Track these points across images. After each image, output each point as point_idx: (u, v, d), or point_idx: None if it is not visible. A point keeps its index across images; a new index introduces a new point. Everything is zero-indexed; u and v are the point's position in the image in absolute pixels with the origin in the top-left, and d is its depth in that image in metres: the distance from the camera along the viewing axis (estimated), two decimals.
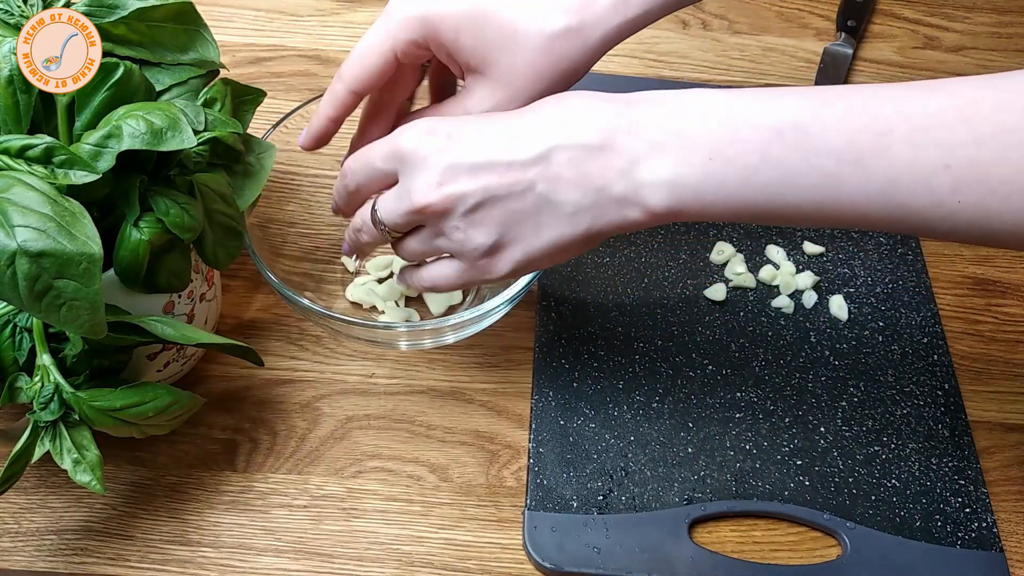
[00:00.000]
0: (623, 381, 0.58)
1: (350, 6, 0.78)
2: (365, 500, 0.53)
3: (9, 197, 0.39)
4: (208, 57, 0.51)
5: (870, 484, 0.54)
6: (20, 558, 0.50)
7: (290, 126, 0.58)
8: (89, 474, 0.45)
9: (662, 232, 0.65)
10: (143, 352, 0.50)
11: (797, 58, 0.78)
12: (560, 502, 0.52)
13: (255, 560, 0.50)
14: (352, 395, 0.57)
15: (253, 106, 0.54)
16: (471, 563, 0.51)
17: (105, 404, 0.45)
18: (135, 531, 0.51)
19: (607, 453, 0.54)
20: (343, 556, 0.51)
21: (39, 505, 0.51)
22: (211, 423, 0.55)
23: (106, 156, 0.42)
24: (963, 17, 0.82)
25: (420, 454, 0.55)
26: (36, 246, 0.38)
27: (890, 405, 0.58)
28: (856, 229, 0.62)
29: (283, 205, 0.61)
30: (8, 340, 0.47)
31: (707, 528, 0.53)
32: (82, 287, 0.40)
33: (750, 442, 0.55)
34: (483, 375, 0.58)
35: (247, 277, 0.61)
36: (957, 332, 0.62)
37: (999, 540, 0.53)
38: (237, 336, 0.57)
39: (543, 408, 0.56)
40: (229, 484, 0.53)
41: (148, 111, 0.43)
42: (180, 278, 0.48)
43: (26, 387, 0.46)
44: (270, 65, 0.73)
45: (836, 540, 0.53)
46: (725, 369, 0.58)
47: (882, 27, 0.81)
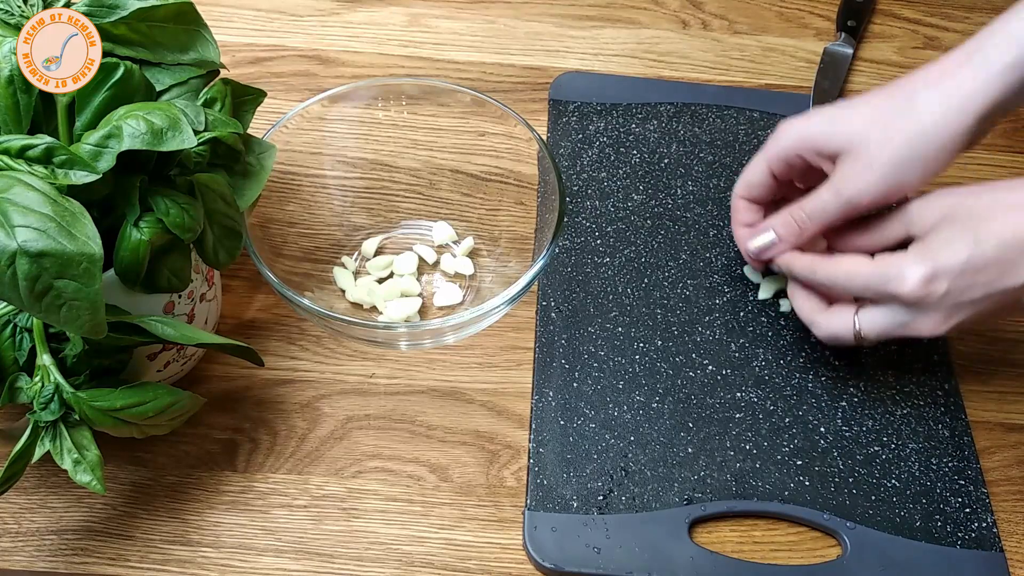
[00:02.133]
0: (623, 381, 0.58)
1: (350, 6, 0.78)
2: (365, 500, 0.53)
3: (9, 197, 0.39)
4: (208, 57, 0.51)
5: (870, 484, 0.54)
6: (20, 558, 0.50)
7: (290, 126, 0.58)
8: (89, 474, 0.45)
9: (662, 232, 0.65)
10: (143, 352, 0.50)
11: (797, 58, 0.78)
12: (560, 502, 0.52)
13: (255, 560, 0.50)
14: (352, 395, 0.57)
15: (253, 106, 0.54)
16: (471, 563, 0.51)
17: (105, 404, 0.45)
18: (135, 531, 0.51)
19: (607, 453, 0.54)
20: (343, 556, 0.51)
21: (39, 505, 0.51)
22: (211, 423, 0.55)
23: (106, 156, 0.42)
24: (963, 17, 0.82)
25: (420, 454, 0.55)
26: (36, 246, 0.38)
27: (890, 405, 0.58)
28: None
29: (283, 205, 0.61)
30: (8, 340, 0.47)
31: (707, 528, 0.53)
32: (82, 287, 0.40)
33: (750, 442, 0.55)
34: (483, 375, 0.58)
35: (247, 277, 0.61)
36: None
37: (999, 540, 0.53)
38: (237, 336, 0.57)
39: (543, 408, 0.56)
40: (229, 484, 0.53)
41: (148, 111, 0.43)
42: (180, 278, 0.48)
43: (26, 387, 0.46)
44: (270, 65, 0.73)
45: (836, 540, 0.53)
46: (725, 369, 0.58)
47: (882, 27, 0.81)
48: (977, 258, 0.49)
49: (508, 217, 0.62)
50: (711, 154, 0.69)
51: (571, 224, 0.65)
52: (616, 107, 0.71)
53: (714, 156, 0.69)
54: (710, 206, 0.66)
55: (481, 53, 0.76)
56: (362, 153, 0.63)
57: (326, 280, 0.60)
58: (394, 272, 0.61)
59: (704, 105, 0.72)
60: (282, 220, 0.60)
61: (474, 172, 0.63)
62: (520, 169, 0.61)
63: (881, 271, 0.51)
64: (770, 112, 0.72)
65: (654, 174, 0.68)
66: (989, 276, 0.49)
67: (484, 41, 0.77)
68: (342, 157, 0.62)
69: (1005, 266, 0.49)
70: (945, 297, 0.50)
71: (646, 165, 0.68)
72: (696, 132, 0.70)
